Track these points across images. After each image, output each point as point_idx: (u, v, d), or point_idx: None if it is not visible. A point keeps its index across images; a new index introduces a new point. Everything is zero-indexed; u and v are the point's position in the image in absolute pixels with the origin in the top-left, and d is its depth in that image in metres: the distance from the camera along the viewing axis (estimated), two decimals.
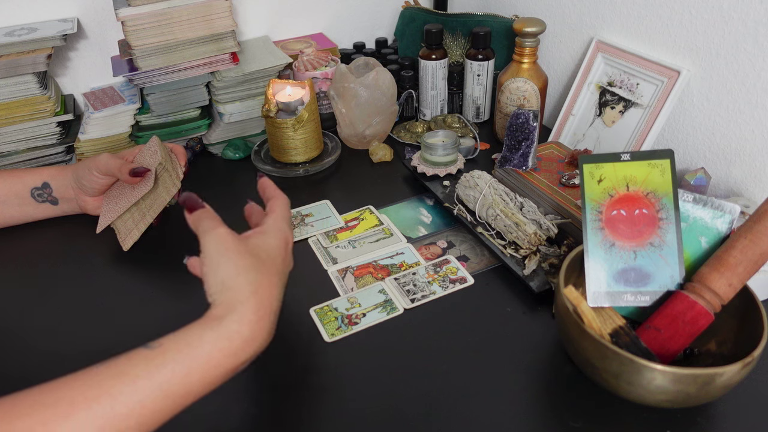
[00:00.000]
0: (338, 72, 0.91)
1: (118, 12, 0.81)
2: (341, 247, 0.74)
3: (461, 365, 0.58)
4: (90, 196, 0.75)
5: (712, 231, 0.56)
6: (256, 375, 0.57)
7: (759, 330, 0.49)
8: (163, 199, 0.71)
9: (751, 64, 0.70)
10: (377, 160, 0.92)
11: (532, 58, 0.88)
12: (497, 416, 0.53)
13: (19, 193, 0.73)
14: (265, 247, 0.50)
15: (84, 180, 0.72)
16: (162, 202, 0.71)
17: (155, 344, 0.42)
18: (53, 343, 0.62)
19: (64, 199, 0.75)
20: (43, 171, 0.74)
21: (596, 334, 0.49)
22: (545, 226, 0.70)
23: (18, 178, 0.73)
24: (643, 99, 0.82)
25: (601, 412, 0.53)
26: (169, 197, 0.71)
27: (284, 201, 0.56)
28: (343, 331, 0.62)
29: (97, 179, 0.72)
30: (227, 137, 0.95)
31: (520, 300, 0.65)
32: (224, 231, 0.48)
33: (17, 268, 0.72)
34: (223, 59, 0.89)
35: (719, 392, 0.48)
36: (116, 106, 0.90)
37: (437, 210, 0.81)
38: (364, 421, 0.53)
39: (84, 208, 0.76)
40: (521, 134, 0.79)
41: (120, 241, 0.73)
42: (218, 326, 0.43)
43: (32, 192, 0.73)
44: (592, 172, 0.56)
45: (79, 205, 0.76)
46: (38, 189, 0.73)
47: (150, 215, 0.71)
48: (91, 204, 0.75)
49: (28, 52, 0.83)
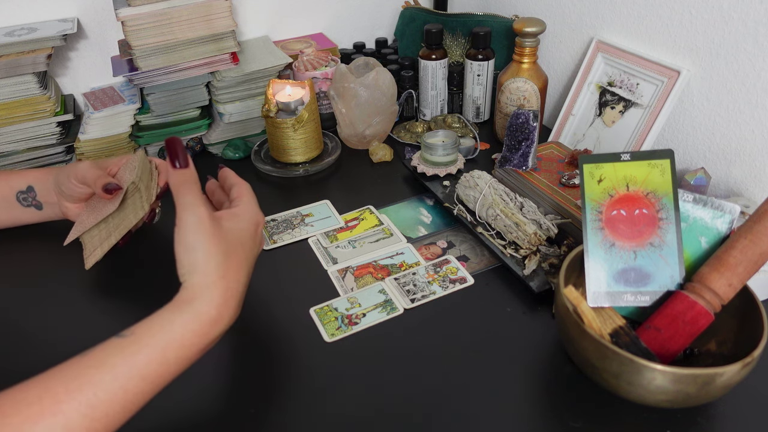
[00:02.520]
0: (338, 72, 0.91)
1: (118, 12, 0.81)
2: (341, 247, 0.74)
3: (461, 365, 0.58)
4: (70, 203, 0.72)
5: (712, 231, 0.56)
6: (257, 375, 0.57)
7: (759, 330, 0.49)
8: (130, 220, 0.67)
9: (751, 64, 0.70)
10: (377, 160, 0.92)
11: (532, 58, 0.88)
12: (497, 416, 0.53)
13: (6, 197, 0.72)
14: (236, 232, 0.52)
15: (63, 186, 0.70)
16: (128, 224, 0.67)
17: (128, 332, 0.44)
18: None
19: (48, 203, 0.73)
20: (28, 174, 0.73)
21: (596, 334, 0.49)
22: (545, 226, 0.70)
23: (4, 182, 0.72)
24: (643, 99, 0.82)
25: (601, 412, 0.53)
26: (136, 219, 0.66)
27: (249, 186, 0.59)
28: (343, 331, 0.62)
29: (74, 187, 0.69)
30: (227, 137, 0.95)
31: (520, 300, 0.65)
32: (204, 212, 0.50)
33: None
34: (223, 59, 0.89)
35: (719, 392, 0.48)
36: (116, 106, 0.90)
37: (437, 210, 0.81)
38: (365, 421, 0.53)
39: (65, 214, 0.73)
40: (521, 134, 0.79)
41: (84, 257, 0.70)
42: (188, 309, 0.46)
43: (17, 196, 0.72)
44: (592, 172, 0.56)
45: (62, 210, 0.73)
46: (23, 192, 0.72)
47: (115, 236, 0.68)
48: (72, 210, 0.73)
49: (28, 52, 0.83)
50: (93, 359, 0.42)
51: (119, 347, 0.43)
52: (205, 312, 0.46)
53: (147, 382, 0.43)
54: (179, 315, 0.45)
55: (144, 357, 0.43)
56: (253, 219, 0.55)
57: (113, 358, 0.42)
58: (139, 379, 0.42)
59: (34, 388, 0.40)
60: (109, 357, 0.42)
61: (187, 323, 0.45)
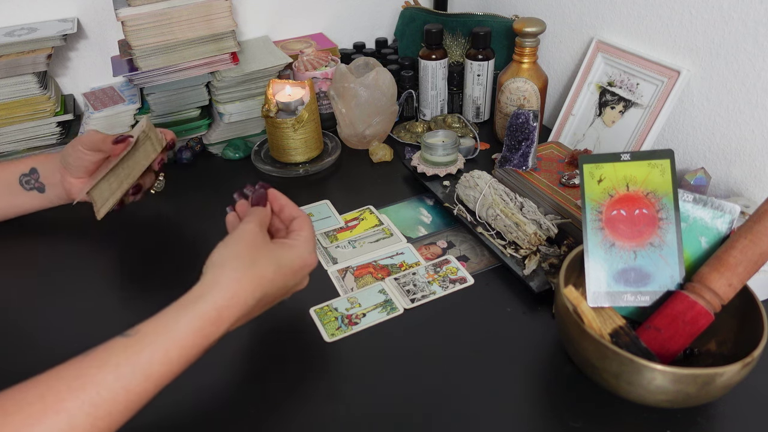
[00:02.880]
0: (338, 72, 0.91)
1: (118, 12, 0.81)
2: (341, 247, 0.74)
3: (461, 365, 0.58)
4: (75, 177, 0.72)
5: (712, 231, 0.56)
6: (257, 375, 0.57)
7: (759, 330, 0.49)
8: (142, 165, 0.69)
9: (751, 64, 0.70)
10: (377, 160, 0.92)
11: (532, 58, 0.88)
12: (497, 416, 0.53)
13: (8, 181, 0.73)
14: (279, 257, 0.52)
15: (70, 158, 0.70)
16: (141, 167, 0.69)
17: (132, 332, 0.44)
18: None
19: (51, 184, 0.73)
20: (31, 158, 0.74)
21: (596, 334, 0.49)
22: (545, 226, 0.70)
23: (6, 167, 0.73)
24: (643, 99, 0.82)
25: (601, 412, 0.53)
26: (148, 162, 0.69)
27: (311, 222, 0.58)
28: (343, 331, 0.62)
29: (82, 155, 0.70)
30: (227, 137, 0.95)
31: (520, 300, 0.65)
32: (254, 227, 0.52)
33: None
34: (223, 59, 0.89)
35: (719, 392, 0.48)
36: (116, 106, 0.90)
37: (437, 210, 0.81)
38: (364, 421, 0.53)
39: (69, 192, 0.73)
40: (521, 134, 0.79)
41: (95, 210, 0.70)
42: (193, 307, 0.46)
43: (20, 179, 0.73)
44: (592, 172, 0.56)
45: (65, 188, 0.73)
46: (26, 175, 0.73)
47: (127, 183, 0.70)
48: (77, 186, 0.73)
49: (28, 52, 0.83)
50: (96, 358, 0.42)
51: (123, 346, 0.43)
52: (207, 312, 0.46)
53: (150, 382, 0.43)
54: (184, 314, 0.45)
55: (147, 356, 0.43)
56: (303, 256, 0.54)
57: (116, 358, 0.42)
58: (142, 378, 0.42)
59: (37, 387, 0.40)
60: (112, 356, 0.42)
61: (191, 321, 0.45)
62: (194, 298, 0.47)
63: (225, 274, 0.48)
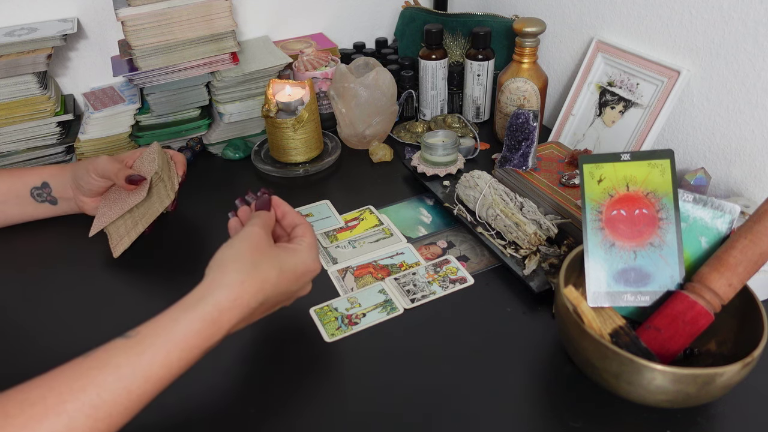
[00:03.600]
0: (338, 72, 0.91)
1: (118, 12, 0.81)
2: (341, 247, 0.74)
3: (461, 365, 0.58)
4: (87, 197, 0.74)
5: (712, 231, 0.56)
6: (257, 375, 0.57)
7: (759, 330, 0.49)
8: (156, 209, 0.70)
9: (751, 64, 0.70)
10: (377, 160, 0.92)
11: (532, 58, 0.88)
12: (497, 416, 0.53)
13: (19, 193, 0.73)
14: (282, 261, 0.52)
15: (81, 181, 0.72)
16: (155, 212, 0.70)
17: (133, 333, 0.44)
18: (47, 342, 0.62)
19: (63, 198, 0.75)
20: (43, 170, 0.74)
21: (596, 334, 0.49)
22: (545, 226, 0.70)
23: (18, 178, 0.73)
24: (643, 99, 0.82)
25: (601, 412, 0.53)
26: (162, 208, 0.70)
27: (313, 229, 0.58)
28: (343, 331, 0.62)
29: (94, 181, 0.72)
30: (227, 137, 0.95)
31: (520, 300, 0.65)
32: (259, 230, 0.52)
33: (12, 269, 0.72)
34: (223, 59, 0.89)
35: (719, 392, 0.48)
36: (116, 106, 0.90)
37: (437, 210, 0.81)
38: (364, 421, 0.53)
39: (82, 208, 0.76)
40: (521, 134, 0.79)
41: (111, 247, 0.72)
42: (194, 309, 0.46)
43: (32, 192, 0.73)
44: (592, 172, 0.56)
45: (78, 204, 0.75)
46: (38, 189, 0.73)
47: (142, 224, 0.71)
48: (89, 204, 0.75)
49: (28, 52, 0.83)
50: (97, 360, 0.42)
51: (123, 348, 0.43)
52: (208, 313, 0.46)
53: (150, 383, 0.43)
54: (185, 315, 0.45)
55: (148, 358, 0.43)
56: (306, 262, 0.54)
57: (117, 359, 0.42)
58: (142, 380, 0.42)
59: (38, 388, 0.40)
60: (113, 358, 0.42)
61: (192, 322, 0.45)
62: (196, 300, 0.47)
63: (228, 276, 0.48)
